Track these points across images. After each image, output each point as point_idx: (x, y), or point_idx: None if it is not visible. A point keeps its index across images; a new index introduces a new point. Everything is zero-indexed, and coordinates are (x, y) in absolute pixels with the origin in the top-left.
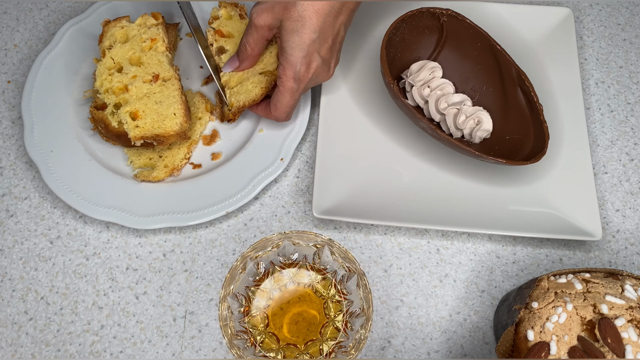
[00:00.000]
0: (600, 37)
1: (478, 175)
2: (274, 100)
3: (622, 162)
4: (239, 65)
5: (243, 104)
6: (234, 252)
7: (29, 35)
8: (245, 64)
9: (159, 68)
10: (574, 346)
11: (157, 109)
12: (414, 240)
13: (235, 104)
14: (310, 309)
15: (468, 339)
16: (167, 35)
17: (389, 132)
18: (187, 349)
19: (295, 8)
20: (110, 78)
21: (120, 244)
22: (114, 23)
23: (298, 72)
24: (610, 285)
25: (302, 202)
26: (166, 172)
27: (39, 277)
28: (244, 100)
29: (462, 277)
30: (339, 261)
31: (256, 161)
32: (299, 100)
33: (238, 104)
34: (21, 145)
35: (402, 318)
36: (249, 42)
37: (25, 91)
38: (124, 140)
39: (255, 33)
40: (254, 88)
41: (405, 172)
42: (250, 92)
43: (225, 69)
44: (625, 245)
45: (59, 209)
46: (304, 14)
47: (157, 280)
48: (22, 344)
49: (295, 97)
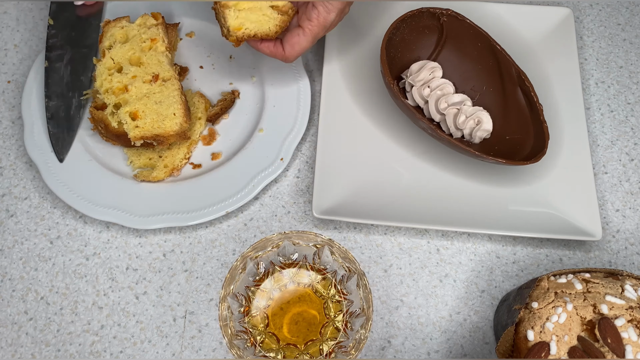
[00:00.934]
0: (600, 37)
1: (478, 175)
2: (293, 40)
3: (622, 162)
4: None
5: (254, 33)
6: (234, 252)
7: (29, 35)
8: None
9: (159, 68)
10: (574, 346)
11: (157, 109)
12: (414, 240)
13: (244, 30)
14: (310, 309)
15: (468, 339)
16: (167, 35)
17: (389, 132)
18: (187, 349)
19: None
20: (110, 78)
21: (120, 244)
22: (114, 23)
23: (332, 21)
24: (610, 285)
25: (302, 202)
26: (166, 172)
27: (39, 277)
28: (255, 30)
29: (462, 277)
30: (339, 261)
31: (256, 161)
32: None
33: (247, 32)
34: (21, 145)
35: (402, 318)
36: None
37: (25, 91)
38: (124, 140)
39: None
40: (267, 22)
41: (405, 172)
42: (263, 25)
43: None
44: (625, 245)
45: (59, 209)
46: None
47: (157, 280)
48: (22, 344)
49: (313, 42)
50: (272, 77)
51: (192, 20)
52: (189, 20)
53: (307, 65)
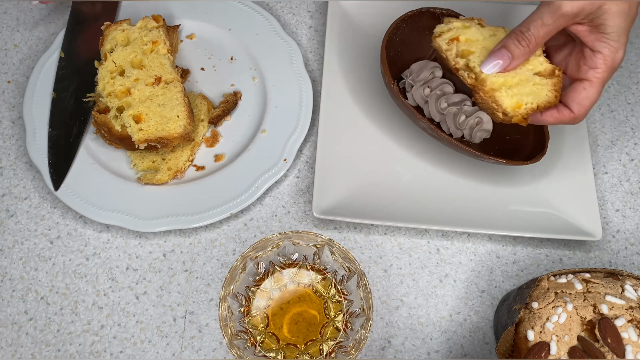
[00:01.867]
0: None
1: (478, 175)
2: (580, 97)
3: (622, 162)
4: (511, 63)
5: (537, 105)
6: (234, 252)
7: (29, 35)
8: (520, 60)
9: (161, 70)
10: (574, 346)
11: (160, 112)
12: (414, 240)
13: (525, 106)
14: (310, 309)
15: (468, 339)
16: (168, 37)
17: (389, 132)
18: (187, 349)
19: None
20: (112, 81)
21: (120, 244)
22: (115, 26)
23: (617, 61)
24: (610, 285)
25: (302, 202)
26: (170, 174)
27: (39, 277)
28: (537, 102)
29: (462, 277)
30: (339, 261)
31: (259, 162)
32: (301, 105)
33: (530, 106)
34: (21, 145)
35: (402, 318)
36: (538, 34)
37: (26, 95)
38: (128, 143)
39: (552, 23)
40: (542, 89)
41: (405, 172)
42: (540, 95)
43: (486, 70)
44: (625, 245)
45: (59, 209)
46: None
47: (157, 280)
48: (22, 344)
49: (601, 91)
50: (274, 78)
51: (192, 22)
52: (190, 22)
53: (308, 65)
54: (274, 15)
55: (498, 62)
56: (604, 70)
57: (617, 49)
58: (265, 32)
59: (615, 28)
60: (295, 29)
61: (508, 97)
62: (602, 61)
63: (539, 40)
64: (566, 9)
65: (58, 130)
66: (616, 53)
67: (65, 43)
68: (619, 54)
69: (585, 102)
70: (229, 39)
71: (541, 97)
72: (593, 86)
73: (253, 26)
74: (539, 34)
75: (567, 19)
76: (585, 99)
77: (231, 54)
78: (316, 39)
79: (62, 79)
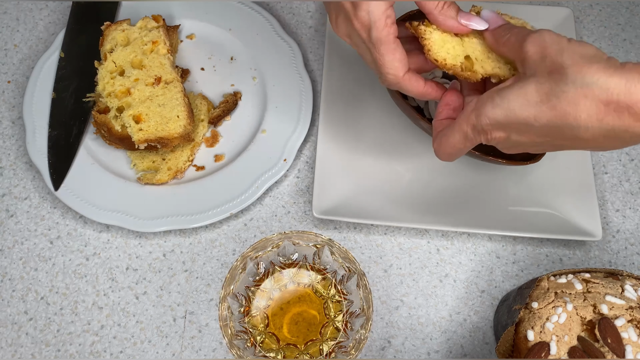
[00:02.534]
0: (601, 37)
1: (478, 176)
2: (443, 132)
3: (622, 162)
4: (488, 30)
5: None
6: (234, 252)
7: (29, 35)
8: (490, 38)
9: (161, 71)
10: (574, 346)
11: (161, 112)
12: (414, 240)
13: None
14: (310, 309)
15: (468, 339)
16: (168, 37)
17: (389, 133)
18: (187, 349)
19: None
20: (112, 82)
21: (120, 244)
22: (115, 26)
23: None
24: (610, 285)
25: (302, 202)
26: (169, 174)
27: (39, 277)
28: None
29: (462, 277)
30: (339, 261)
31: (259, 162)
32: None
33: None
34: (21, 145)
35: (402, 318)
36: (510, 39)
37: (26, 95)
38: (128, 143)
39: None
40: None
41: (405, 172)
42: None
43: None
44: (625, 245)
45: (58, 209)
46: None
47: (157, 280)
48: (22, 344)
49: (466, 144)
50: (274, 78)
51: (192, 22)
52: (190, 22)
53: (308, 65)
54: (274, 15)
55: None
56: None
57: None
58: (265, 32)
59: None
60: (295, 29)
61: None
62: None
63: (508, 42)
64: (526, 46)
65: (58, 130)
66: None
67: (65, 43)
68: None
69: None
70: (229, 39)
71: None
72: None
73: (253, 26)
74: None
75: (519, 53)
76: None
77: (231, 54)
78: (316, 39)
79: (62, 79)
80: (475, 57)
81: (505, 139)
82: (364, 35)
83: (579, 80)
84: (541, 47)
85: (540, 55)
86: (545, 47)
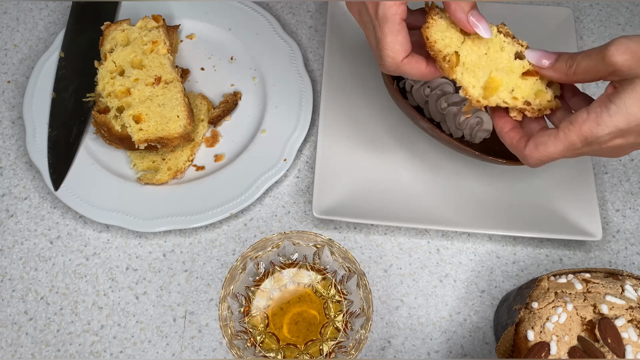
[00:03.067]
0: (600, 37)
1: (478, 175)
2: (541, 139)
3: (622, 162)
4: (546, 69)
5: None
6: (234, 252)
7: (29, 35)
8: (554, 74)
9: (161, 71)
10: (574, 346)
11: (161, 112)
12: (414, 240)
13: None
14: (310, 309)
15: (468, 339)
16: (168, 37)
17: (388, 132)
18: (187, 349)
19: None
20: (112, 81)
21: (120, 244)
22: (115, 26)
23: (596, 135)
24: (610, 285)
25: (302, 202)
26: (169, 174)
27: (39, 277)
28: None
29: (462, 277)
30: (339, 261)
31: (259, 162)
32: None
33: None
34: (21, 145)
35: (402, 318)
36: (580, 64)
37: (26, 95)
38: (128, 143)
39: (596, 62)
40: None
41: (405, 172)
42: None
43: (530, 56)
44: (625, 245)
45: (58, 209)
46: None
47: (157, 280)
48: (22, 344)
49: (566, 154)
50: (274, 78)
51: (192, 22)
52: (190, 22)
53: (308, 65)
54: (274, 15)
55: (545, 60)
56: (573, 131)
57: (601, 122)
58: (265, 32)
59: (621, 105)
60: (295, 29)
61: None
62: (579, 120)
63: (578, 69)
64: (612, 58)
65: (58, 130)
66: (597, 126)
67: (65, 43)
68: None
69: (540, 148)
70: (229, 39)
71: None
72: (557, 138)
73: (253, 26)
74: (580, 64)
75: (607, 67)
76: (542, 146)
77: (231, 54)
78: (316, 39)
79: (62, 79)
80: (464, 62)
81: (620, 145)
82: (372, 12)
83: None
84: (630, 51)
85: (636, 59)
86: (633, 49)
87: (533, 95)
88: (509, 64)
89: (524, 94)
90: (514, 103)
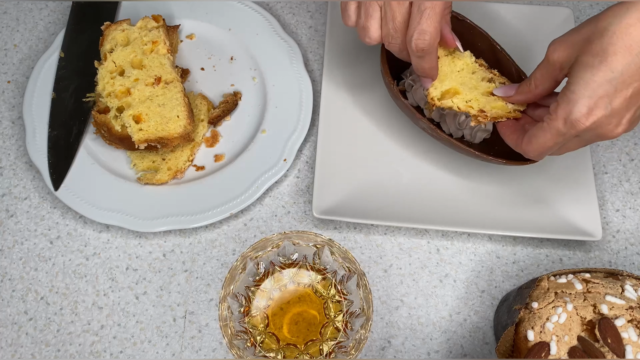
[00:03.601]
0: None
1: (478, 176)
2: (532, 132)
3: (622, 162)
4: (513, 97)
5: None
6: (234, 252)
7: (29, 35)
8: (520, 97)
9: (161, 71)
10: (574, 346)
11: (161, 112)
12: (414, 240)
13: (477, 108)
14: (310, 309)
15: (468, 339)
16: (168, 37)
17: (389, 132)
18: (187, 349)
19: (601, 40)
20: (112, 82)
21: (120, 244)
22: (115, 26)
23: (573, 114)
24: (610, 285)
25: (302, 202)
26: (169, 174)
27: (39, 277)
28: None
29: (462, 277)
30: (339, 261)
31: (259, 162)
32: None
33: (480, 108)
34: (21, 145)
35: (402, 318)
36: (536, 76)
37: (26, 95)
38: (128, 143)
39: (544, 68)
40: (495, 101)
41: (405, 172)
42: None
43: (494, 91)
44: (625, 245)
45: (58, 209)
46: (609, 47)
47: (157, 280)
48: (22, 344)
49: (557, 140)
50: (274, 78)
51: (192, 22)
52: (190, 22)
53: (308, 65)
54: (274, 15)
55: (507, 91)
56: (555, 118)
57: (570, 102)
58: (265, 32)
59: (577, 79)
60: (295, 29)
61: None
62: (554, 108)
63: (537, 82)
64: (551, 56)
65: (58, 130)
66: (573, 105)
67: (65, 43)
68: (575, 108)
69: (533, 140)
70: (229, 39)
71: (499, 107)
72: (543, 129)
73: (253, 26)
74: (536, 75)
75: (554, 68)
76: (534, 137)
77: (231, 54)
78: (316, 39)
79: (62, 79)
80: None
81: (604, 117)
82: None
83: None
84: (563, 45)
85: (568, 49)
86: (565, 42)
87: (489, 106)
88: (476, 84)
89: (480, 105)
90: (466, 109)
